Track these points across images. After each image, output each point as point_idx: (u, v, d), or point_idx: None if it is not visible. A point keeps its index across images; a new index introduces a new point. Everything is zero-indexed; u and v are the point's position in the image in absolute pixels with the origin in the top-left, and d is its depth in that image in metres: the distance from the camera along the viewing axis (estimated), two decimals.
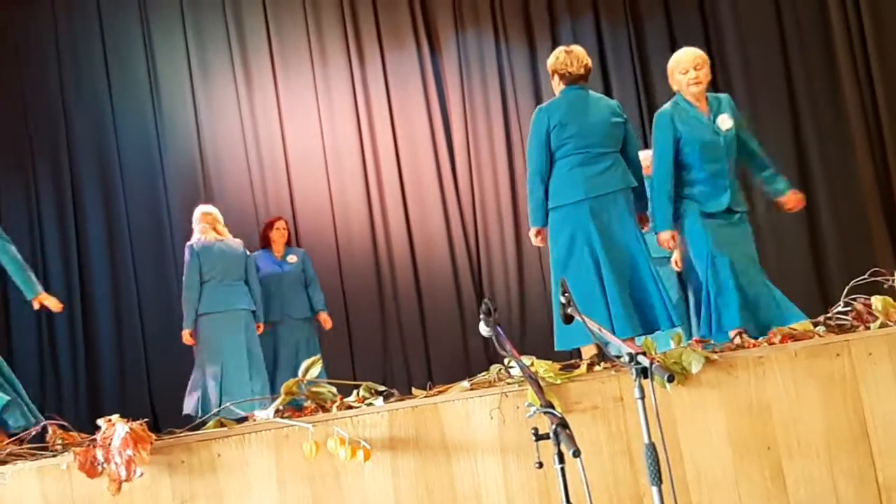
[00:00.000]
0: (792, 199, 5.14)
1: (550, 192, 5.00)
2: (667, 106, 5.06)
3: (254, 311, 7.04)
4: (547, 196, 5.04)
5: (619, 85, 8.91)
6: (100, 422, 3.26)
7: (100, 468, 3.16)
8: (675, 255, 6.07)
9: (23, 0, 8.53)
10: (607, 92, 8.43)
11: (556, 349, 4.86)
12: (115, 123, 8.60)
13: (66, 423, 3.44)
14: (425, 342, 8.75)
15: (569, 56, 5.04)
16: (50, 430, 3.41)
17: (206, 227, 7.05)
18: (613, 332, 4.70)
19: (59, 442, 3.39)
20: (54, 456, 3.34)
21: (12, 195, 8.42)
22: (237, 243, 7.14)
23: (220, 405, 6.42)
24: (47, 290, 8.09)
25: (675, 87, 5.06)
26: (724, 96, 5.12)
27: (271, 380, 6.96)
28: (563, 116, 4.93)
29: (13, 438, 3.49)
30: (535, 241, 5.18)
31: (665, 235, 4.93)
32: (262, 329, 7.18)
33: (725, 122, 5.00)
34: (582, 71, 5.03)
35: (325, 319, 7.51)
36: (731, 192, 4.95)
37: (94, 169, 8.55)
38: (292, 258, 7.53)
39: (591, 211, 4.86)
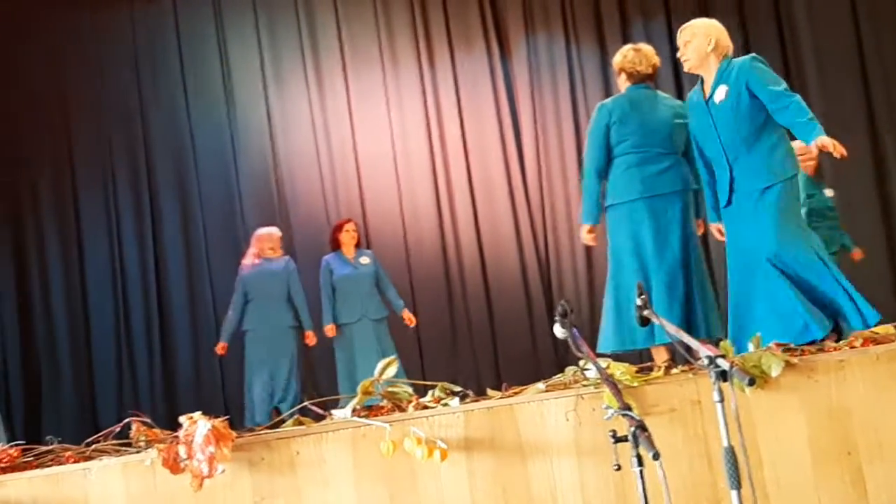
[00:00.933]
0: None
1: (608, 189, 5.00)
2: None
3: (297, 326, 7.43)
4: (604, 194, 5.03)
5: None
6: (182, 419, 3.32)
7: (182, 465, 3.21)
8: None
9: (101, 7, 8.72)
10: (679, 94, 8.35)
11: (598, 350, 4.83)
12: (191, 127, 8.77)
13: (149, 420, 3.51)
14: (494, 343, 8.77)
15: (637, 54, 5.05)
16: (134, 426, 3.48)
17: (255, 251, 7.54)
18: (652, 336, 4.70)
19: (143, 439, 3.45)
20: (138, 452, 3.41)
21: (92, 199, 8.62)
22: (281, 261, 7.53)
23: (265, 415, 6.92)
24: (124, 290, 8.35)
25: None
26: (739, 60, 4.53)
27: (353, 380, 7.05)
28: (624, 114, 4.92)
29: (98, 434, 3.56)
30: (586, 240, 5.15)
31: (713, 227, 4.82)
32: (334, 331, 7.30)
33: (719, 93, 4.51)
34: (649, 70, 5.03)
35: (410, 317, 7.56)
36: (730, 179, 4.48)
37: (170, 172, 8.72)
38: (365, 259, 7.59)
39: (647, 211, 4.84)
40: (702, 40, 4.58)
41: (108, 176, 8.65)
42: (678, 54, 4.71)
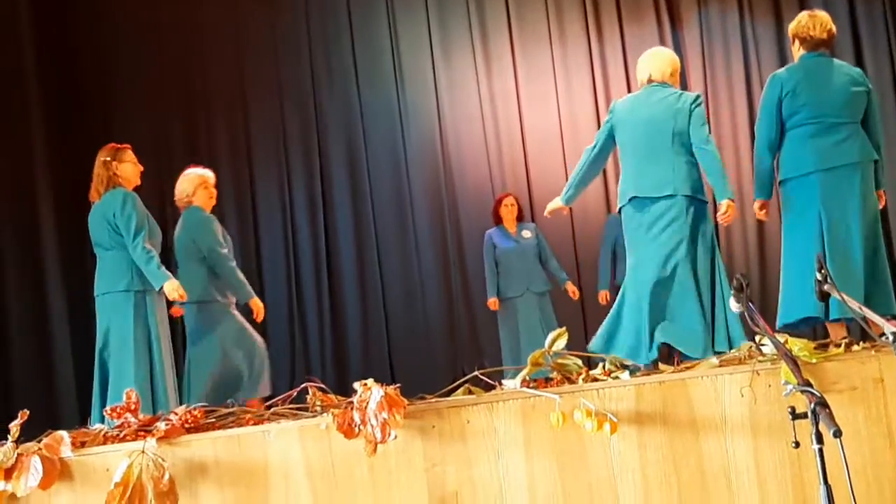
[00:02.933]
0: None
1: (781, 163, 4.87)
2: None
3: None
4: (778, 168, 4.88)
5: (872, 55, 8.47)
6: (356, 385, 3.41)
7: (356, 430, 3.29)
8: None
9: None
10: (859, 63, 8.04)
11: (778, 324, 4.77)
12: (362, 107, 8.97)
13: (324, 386, 3.61)
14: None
15: (812, 20, 4.89)
16: (310, 391, 3.58)
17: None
18: (829, 313, 4.54)
19: (319, 403, 3.55)
20: (314, 417, 3.51)
21: (267, 176, 8.93)
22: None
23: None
24: (297, 264, 8.61)
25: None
26: None
27: (516, 352, 7.12)
28: (798, 84, 4.77)
29: (277, 398, 3.69)
30: (759, 215, 5.04)
31: None
32: (497, 305, 7.53)
33: None
34: (825, 36, 4.86)
35: (574, 290, 7.57)
36: None
37: (341, 150, 8.94)
38: (527, 233, 7.65)
39: (821, 184, 4.69)
40: None
41: (281, 153, 8.95)
42: None
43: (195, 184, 6.22)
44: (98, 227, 5.52)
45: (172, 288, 5.40)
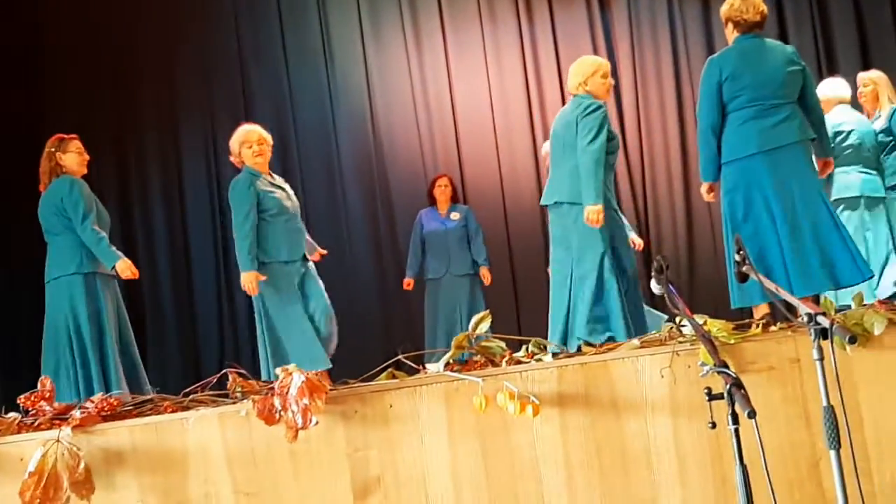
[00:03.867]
0: None
1: (723, 146, 4.85)
2: None
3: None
4: (720, 150, 4.91)
5: (796, 30, 8.55)
6: (277, 371, 3.37)
7: (277, 416, 3.27)
8: None
9: None
10: (783, 38, 8.13)
11: (732, 307, 4.77)
12: (291, 85, 8.85)
13: (244, 372, 3.57)
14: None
15: (744, 3, 4.86)
16: (230, 377, 3.54)
17: None
18: (791, 291, 4.57)
19: (239, 390, 3.52)
20: (234, 403, 3.48)
21: (194, 155, 8.81)
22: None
23: None
24: (224, 245, 8.53)
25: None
26: None
27: (433, 335, 7.14)
28: (736, 67, 4.78)
29: (196, 385, 3.64)
30: (707, 197, 5.07)
31: None
32: (411, 285, 7.57)
33: None
34: (757, 18, 4.86)
35: (485, 275, 7.58)
36: None
37: (270, 128, 8.77)
38: (455, 215, 7.64)
39: (766, 165, 4.70)
40: None
41: (209, 131, 8.80)
42: None
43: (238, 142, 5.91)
44: (47, 213, 5.54)
45: (125, 266, 5.44)
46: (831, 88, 6.20)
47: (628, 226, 7.25)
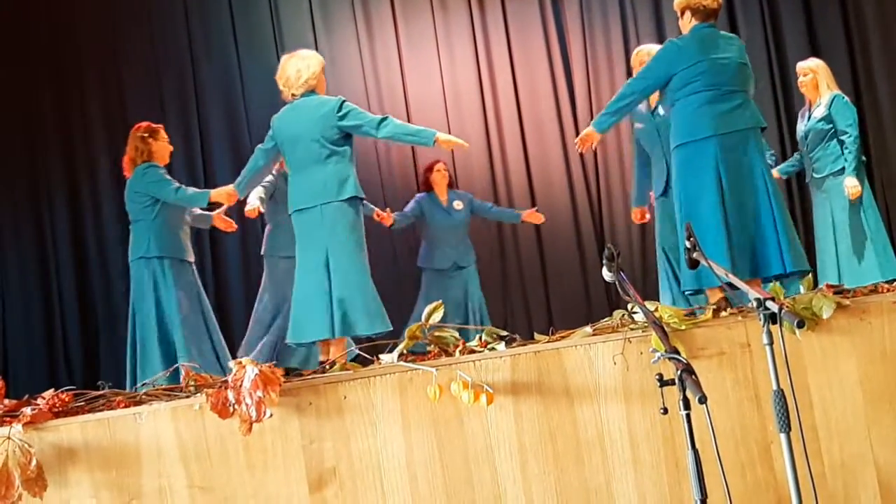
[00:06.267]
0: None
1: (678, 128, 4.91)
2: None
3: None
4: (673, 134, 4.96)
5: (748, 31, 8.64)
6: (230, 364, 3.36)
7: (231, 409, 3.25)
8: None
9: None
10: (733, 30, 8.22)
11: (681, 289, 4.89)
12: (242, 76, 8.75)
13: (198, 366, 3.55)
14: (546, 287, 8.74)
15: None
16: (183, 371, 3.52)
17: None
18: (736, 273, 4.63)
19: (192, 384, 3.49)
20: (188, 397, 3.45)
21: None
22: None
23: None
24: None
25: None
26: None
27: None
28: (695, 53, 4.82)
29: (149, 380, 3.62)
30: (582, 146, 5.29)
31: None
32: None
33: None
34: (715, 5, 4.92)
35: (536, 215, 7.42)
36: None
37: (221, 120, 8.72)
38: (458, 204, 7.38)
39: (720, 148, 4.75)
40: None
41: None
42: None
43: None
44: (129, 199, 5.89)
45: (226, 193, 5.79)
46: None
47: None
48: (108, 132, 8.53)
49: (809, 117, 6.41)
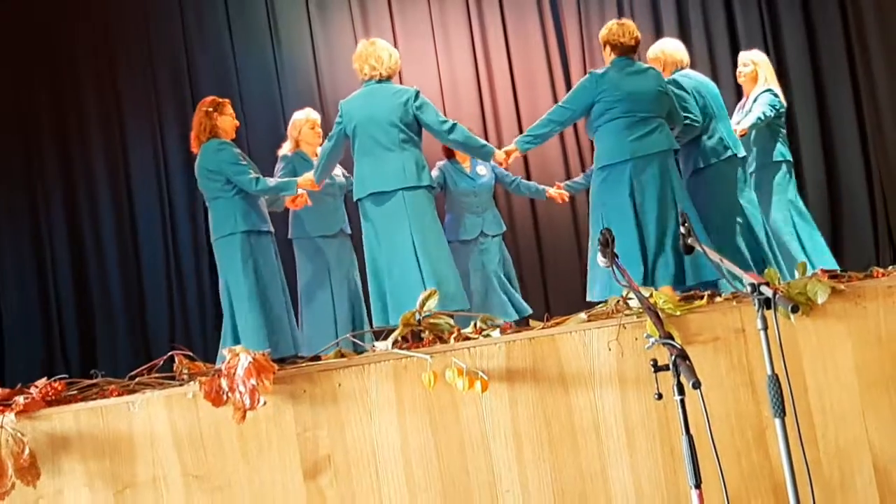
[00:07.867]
0: None
1: (599, 152, 5.37)
2: None
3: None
4: (594, 157, 5.45)
5: (744, 13, 8.63)
6: (224, 352, 3.34)
7: (225, 397, 3.23)
8: None
9: None
10: (731, 24, 8.27)
11: (587, 299, 5.21)
12: (237, 66, 8.75)
13: (191, 354, 3.53)
14: (542, 273, 8.78)
15: (621, 28, 5.44)
16: (176, 359, 3.50)
17: None
18: (654, 284, 5.08)
19: (186, 371, 3.48)
20: (181, 385, 3.44)
21: (140, 140, 8.68)
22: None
23: None
24: (173, 226, 8.45)
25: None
26: None
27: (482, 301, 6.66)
28: (614, 85, 5.26)
29: (142, 368, 3.60)
30: (504, 162, 5.68)
31: None
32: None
33: None
34: (632, 42, 5.42)
35: (560, 195, 7.16)
36: None
37: None
38: (482, 169, 6.99)
39: (634, 170, 5.18)
40: None
41: (154, 117, 8.68)
42: None
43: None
44: (202, 180, 5.88)
45: (310, 181, 5.92)
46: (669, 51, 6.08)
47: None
48: (102, 127, 8.54)
49: (744, 112, 6.30)
